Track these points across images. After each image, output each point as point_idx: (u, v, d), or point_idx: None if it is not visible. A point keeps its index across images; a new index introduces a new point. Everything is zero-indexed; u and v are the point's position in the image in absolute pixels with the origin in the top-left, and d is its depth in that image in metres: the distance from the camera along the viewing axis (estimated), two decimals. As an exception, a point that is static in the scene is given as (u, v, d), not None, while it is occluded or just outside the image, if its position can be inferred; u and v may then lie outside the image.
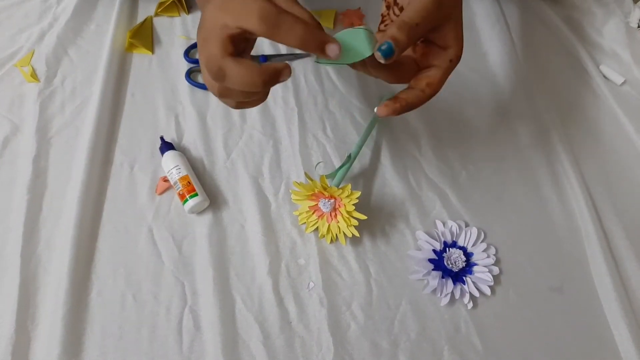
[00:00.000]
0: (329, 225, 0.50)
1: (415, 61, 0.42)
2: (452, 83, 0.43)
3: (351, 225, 0.48)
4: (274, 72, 0.35)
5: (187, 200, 0.50)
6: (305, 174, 0.51)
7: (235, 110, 0.60)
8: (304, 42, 0.34)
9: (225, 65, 0.34)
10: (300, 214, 0.51)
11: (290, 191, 0.52)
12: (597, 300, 0.50)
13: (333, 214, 0.49)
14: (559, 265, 0.52)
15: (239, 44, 0.36)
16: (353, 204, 0.48)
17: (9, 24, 0.66)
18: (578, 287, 0.51)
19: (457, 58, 0.40)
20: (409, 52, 0.42)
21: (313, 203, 0.50)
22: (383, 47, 0.36)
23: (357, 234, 0.49)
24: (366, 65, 0.40)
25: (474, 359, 0.46)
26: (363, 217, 0.48)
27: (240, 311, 0.47)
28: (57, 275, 0.47)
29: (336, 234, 0.50)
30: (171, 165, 0.52)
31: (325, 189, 0.49)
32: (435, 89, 0.41)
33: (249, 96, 0.38)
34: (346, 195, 0.48)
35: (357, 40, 0.37)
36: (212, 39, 0.35)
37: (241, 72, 0.34)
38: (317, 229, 0.50)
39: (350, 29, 0.37)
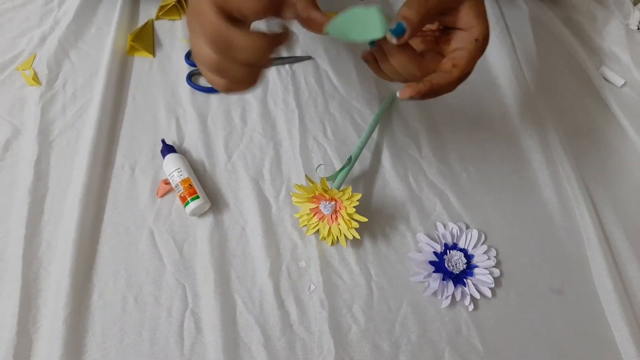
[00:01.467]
0: (330, 228, 0.50)
1: (439, 53, 0.39)
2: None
3: (352, 227, 0.49)
4: (278, 36, 0.34)
5: (188, 202, 0.50)
6: (306, 176, 0.51)
7: (235, 112, 0.60)
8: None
9: (230, 33, 0.32)
10: (301, 216, 0.51)
11: (291, 194, 0.53)
12: (597, 302, 0.50)
13: (334, 216, 0.49)
14: (559, 267, 0.52)
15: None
16: (354, 207, 0.48)
17: (10, 27, 0.66)
18: (579, 289, 0.51)
19: (484, 37, 0.37)
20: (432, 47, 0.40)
21: (314, 205, 0.50)
22: (393, 27, 0.35)
23: (357, 236, 0.49)
24: (385, 58, 0.38)
25: (475, 361, 0.46)
26: (364, 219, 0.48)
27: (242, 313, 0.47)
28: (59, 277, 0.47)
29: (337, 236, 0.50)
30: (172, 168, 0.52)
31: (326, 191, 0.49)
32: (463, 69, 0.38)
33: (249, 73, 0.35)
34: (347, 197, 0.48)
35: (369, 20, 0.35)
36: (207, 10, 0.32)
37: (248, 38, 0.32)
38: (317, 231, 0.51)
39: (363, 7, 0.35)
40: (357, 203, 0.48)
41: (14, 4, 0.68)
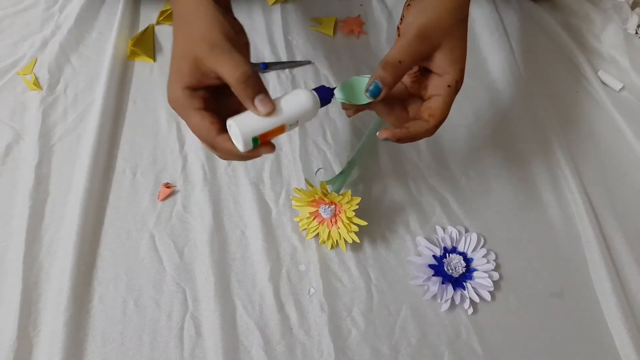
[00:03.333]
0: (330, 231, 0.50)
1: (420, 97, 0.42)
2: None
3: (351, 231, 0.49)
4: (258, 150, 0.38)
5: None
6: (306, 180, 0.51)
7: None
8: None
9: (214, 141, 0.38)
10: (301, 220, 0.51)
11: (291, 197, 0.53)
12: (597, 305, 0.50)
13: (333, 220, 0.50)
14: (559, 271, 0.52)
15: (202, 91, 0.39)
16: (353, 210, 0.48)
17: (12, 32, 0.66)
18: (578, 292, 0.51)
19: (456, 82, 0.40)
20: (415, 87, 0.43)
21: (314, 209, 0.50)
22: (371, 88, 0.38)
23: (357, 240, 0.49)
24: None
25: (475, 365, 0.46)
26: (363, 222, 0.48)
27: (242, 317, 0.47)
28: (59, 281, 0.47)
29: (337, 240, 0.50)
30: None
31: (325, 195, 0.49)
32: (438, 118, 0.40)
33: (241, 158, 0.39)
34: (346, 201, 0.48)
35: (361, 87, 0.40)
36: (190, 112, 0.39)
37: (230, 146, 0.37)
38: (317, 235, 0.51)
39: (360, 77, 0.40)
40: (357, 207, 0.48)
41: (15, 9, 0.69)
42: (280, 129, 0.37)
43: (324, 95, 0.40)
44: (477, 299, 0.49)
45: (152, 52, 0.66)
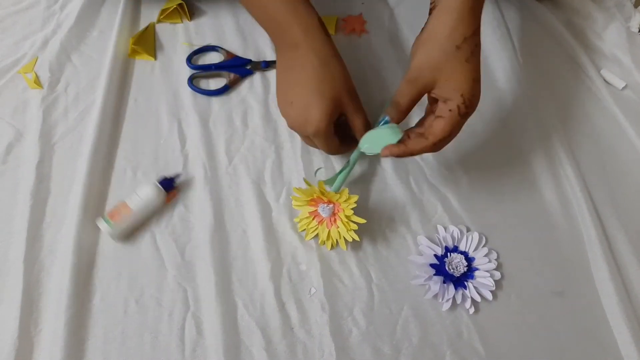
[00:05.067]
0: (329, 231, 0.50)
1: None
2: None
3: (351, 229, 0.48)
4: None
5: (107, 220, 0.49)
6: (305, 180, 0.51)
7: (237, 115, 0.60)
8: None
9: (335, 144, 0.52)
10: (300, 220, 0.51)
11: (291, 197, 0.53)
12: (599, 304, 0.50)
13: (332, 219, 0.49)
14: (560, 270, 0.52)
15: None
16: (352, 208, 0.48)
17: (13, 31, 0.66)
18: (580, 291, 0.51)
19: (458, 107, 0.44)
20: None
21: (313, 209, 0.50)
22: (381, 123, 0.48)
23: (357, 238, 0.49)
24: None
25: (476, 364, 0.46)
26: (362, 220, 0.48)
27: (243, 317, 0.47)
28: (60, 280, 0.47)
29: (336, 240, 0.50)
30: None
31: (323, 193, 0.49)
32: (437, 137, 0.45)
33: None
34: (344, 199, 0.48)
35: (390, 133, 0.47)
36: (329, 134, 0.50)
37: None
38: (317, 235, 0.51)
39: (378, 128, 0.48)
40: (355, 205, 0.48)
41: (16, 8, 0.69)
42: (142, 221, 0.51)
43: (166, 185, 0.52)
44: (478, 299, 0.49)
45: (153, 51, 0.66)
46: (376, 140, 0.48)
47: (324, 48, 0.50)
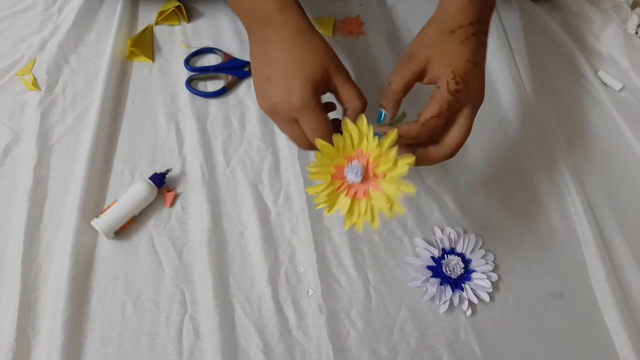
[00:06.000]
0: (358, 203, 0.38)
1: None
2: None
3: (400, 190, 0.37)
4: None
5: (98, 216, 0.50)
6: (318, 141, 0.40)
7: (234, 117, 0.60)
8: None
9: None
10: (318, 191, 0.39)
11: (307, 168, 0.45)
12: (596, 306, 0.50)
13: (363, 187, 0.38)
14: (557, 272, 0.52)
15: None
16: (406, 163, 0.37)
17: (11, 33, 0.66)
18: (577, 293, 0.51)
19: (447, 83, 0.41)
20: None
21: (337, 172, 0.39)
22: (381, 119, 0.44)
23: (402, 211, 0.38)
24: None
25: (473, 366, 0.46)
26: (412, 189, 0.38)
27: (240, 319, 0.47)
28: (58, 282, 0.47)
29: (367, 212, 0.37)
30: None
31: (365, 139, 0.37)
32: (424, 116, 0.41)
33: None
34: (388, 157, 0.37)
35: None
36: (318, 113, 0.43)
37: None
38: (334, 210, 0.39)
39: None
40: (412, 161, 0.37)
41: (14, 10, 0.69)
42: (132, 219, 0.51)
43: (157, 180, 0.52)
44: (475, 300, 0.49)
45: (151, 53, 0.66)
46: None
47: (300, 22, 0.45)
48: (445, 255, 0.51)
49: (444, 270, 0.50)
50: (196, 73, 0.63)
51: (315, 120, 0.42)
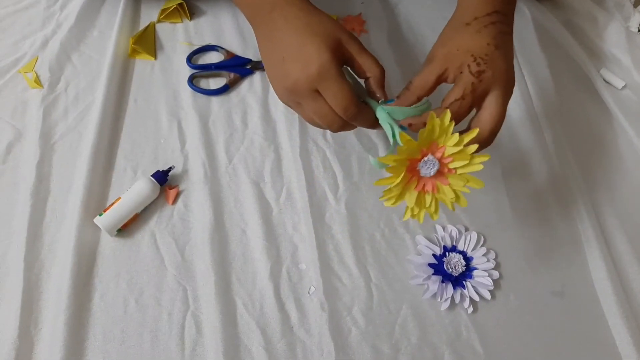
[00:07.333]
0: (423, 195, 0.39)
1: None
2: (451, 87, 0.43)
3: (467, 185, 0.38)
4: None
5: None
6: (399, 135, 0.39)
7: (237, 115, 0.60)
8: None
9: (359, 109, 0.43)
10: (394, 184, 0.38)
11: (379, 160, 0.38)
12: (597, 305, 0.50)
13: (431, 180, 0.39)
14: (559, 270, 0.52)
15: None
16: (481, 160, 0.38)
17: (13, 31, 0.66)
18: (578, 291, 0.51)
19: (469, 66, 0.41)
20: None
21: (410, 167, 0.38)
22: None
23: (465, 204, 0.40)
24: None
25: (475, 364, 0.46)
26: (479, 185, 0.39)
27: (242, 316, 0.47)
28: (60, 279, 0.47)
29: (431, 204, 0.39)
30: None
31: (443, 134, 0.36)
32: (449, 99, 0.41)
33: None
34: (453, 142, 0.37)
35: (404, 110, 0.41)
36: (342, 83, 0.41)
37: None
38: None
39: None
40: (487, 158, 0.38)
41: (16, 8, 0.69)
42: (135, 217, 0.51)
43: (159, 178, 0.52)
44: (477, 298, 0.49)
45: (153, 50, 0.66)
46: (396, 111, 0.41)
47: (303, 1, 0.44)
48: (447, 253, 0.51)
49: (445, 268, 0.50)
50: (198, 71, 0.63)
51: (338, 87, 0.40)
